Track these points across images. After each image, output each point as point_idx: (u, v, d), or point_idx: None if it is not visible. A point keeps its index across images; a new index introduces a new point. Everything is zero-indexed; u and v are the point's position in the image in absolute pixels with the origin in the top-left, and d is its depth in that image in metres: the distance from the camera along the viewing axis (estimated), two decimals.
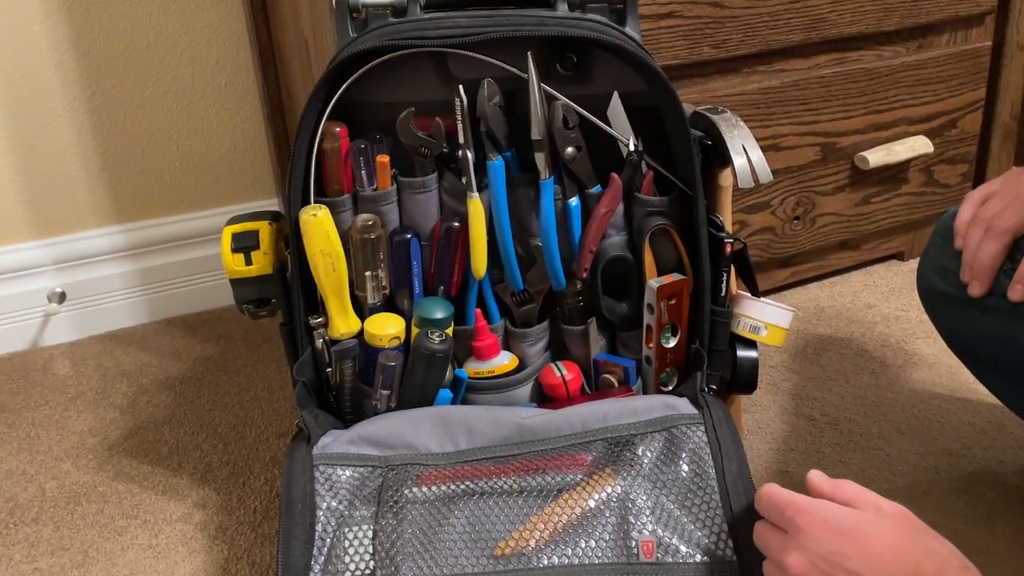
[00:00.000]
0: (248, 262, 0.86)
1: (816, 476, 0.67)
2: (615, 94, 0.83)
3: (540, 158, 0.83)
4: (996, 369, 0.91)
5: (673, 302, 0.85)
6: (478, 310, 0.88)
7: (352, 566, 0.70)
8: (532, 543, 0.70)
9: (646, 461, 0.74)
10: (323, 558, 0.71)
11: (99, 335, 1.39)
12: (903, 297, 1.36)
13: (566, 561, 0.69)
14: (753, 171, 0.82)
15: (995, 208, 0.82)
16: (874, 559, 0.59)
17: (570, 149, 0.83)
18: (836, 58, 1.24)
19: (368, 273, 0.84)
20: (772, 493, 0.66)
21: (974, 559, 0.61)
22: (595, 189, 0.85)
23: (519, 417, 0.80)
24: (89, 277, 1.38)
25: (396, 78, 0.83)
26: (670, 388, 0.88)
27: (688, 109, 0.83)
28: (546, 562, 0.69)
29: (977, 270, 0.83)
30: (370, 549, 0.71)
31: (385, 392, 0.85)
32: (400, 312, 0.87)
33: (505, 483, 0.74)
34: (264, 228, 0.87)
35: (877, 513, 0.63)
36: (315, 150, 0.82)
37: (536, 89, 0.80)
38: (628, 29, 0.82)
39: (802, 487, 0.67)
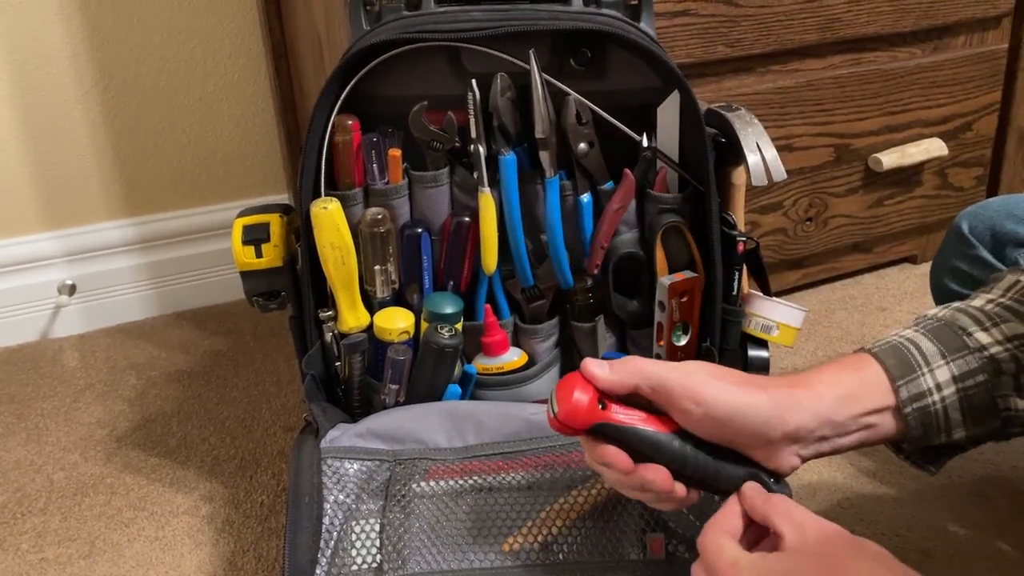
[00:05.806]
0: (258, 254, 0.86)
1: (749, 487, 0.58)
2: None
3: (545, 156, 0.82)
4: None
5: (684, 300, 0.84)
6: (488, 306, 0.88)
7: (359, 560, 0.70)
8: (540, 539, 0.69)
9: None
10: (330, 551, 0.71)
11: (109, 327, 1.40)
12: (915, 300, 1.35)
13: (574, 557, 0.68)
14: (767, 169, 0.81)
15: None
16: None
17: (582, 145, 0.82)
18: (851, 59, 1.23)
19: (378, 267, 0.84)
20: (703, 544, 0.57)
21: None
22: (607, 185, 0.85)
23: (528, 413, 0.79)
24: (99, 270, 1.39)
25: (409, 72, 0.83)
26: None
27: (702, 106, 0.82)
28: (553, 558, 0.68)
29: None
30: (377, 543, 0.71)
31: (394, 386, 0.84)
32: (409, 307, 0.86)
33: (514, 479, 0.74)
34: (275, 221, 0.87)
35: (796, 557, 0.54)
36: (327, 143, 0.82)
37: (540, 87, 0.80)
38: (643, 25, 0.82)
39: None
